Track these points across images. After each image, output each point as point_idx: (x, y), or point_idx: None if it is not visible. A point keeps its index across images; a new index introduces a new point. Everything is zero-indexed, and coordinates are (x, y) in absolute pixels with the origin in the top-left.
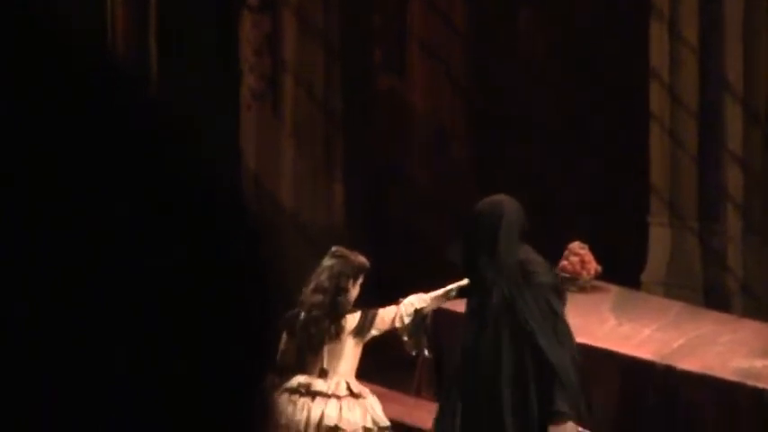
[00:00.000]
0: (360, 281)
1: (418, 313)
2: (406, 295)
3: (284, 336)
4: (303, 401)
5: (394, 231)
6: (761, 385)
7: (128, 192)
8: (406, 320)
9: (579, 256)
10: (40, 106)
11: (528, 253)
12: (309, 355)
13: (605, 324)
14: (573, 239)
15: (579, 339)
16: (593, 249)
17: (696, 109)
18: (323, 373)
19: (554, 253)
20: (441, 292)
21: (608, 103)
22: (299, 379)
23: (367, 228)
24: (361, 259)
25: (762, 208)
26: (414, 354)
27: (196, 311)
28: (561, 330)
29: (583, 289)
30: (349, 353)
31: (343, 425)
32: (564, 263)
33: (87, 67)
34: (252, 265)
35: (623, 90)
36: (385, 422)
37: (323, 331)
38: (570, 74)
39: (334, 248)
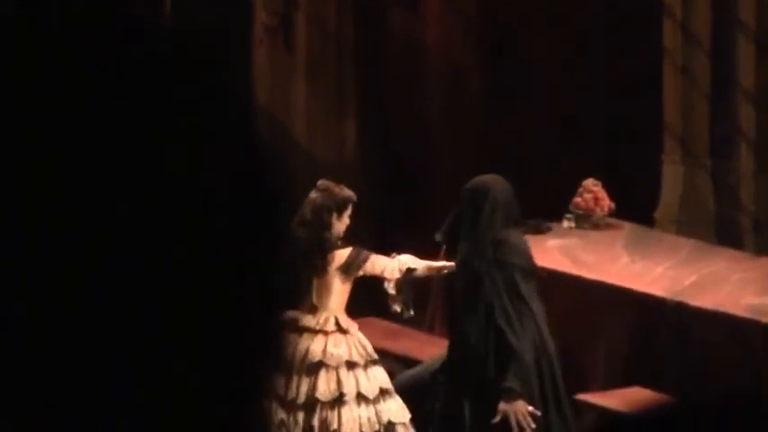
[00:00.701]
0: (347, 213)
1: (410, 272)
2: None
3: None
4: (291, 337)
5: (406, 168)
6: None
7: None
8: (397, 275)
9: (593, 193)
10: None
11: (510, 235)
12: (299, 291)
13: (618, 261)
14: (586, 177)
15: (593, 276)
16: (606, 186)
17: (709, 46)
18: (312, 309)
19: (568, 190)
20: (436, 264)
21: (621, 40)
22: (289, 314)
23: (379, 165)
24: (346, 192)
25: None
26: (398, 312)
27: (196, 309)
28: (525, 312)
29: (596, 226)
30: (337, 289)
31: (327, 360)
32: (577, 200)
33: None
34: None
35: (637, 27)
36: (372, 356)
37: (309, 266)
38: (584, 9)
39: (319, 182)
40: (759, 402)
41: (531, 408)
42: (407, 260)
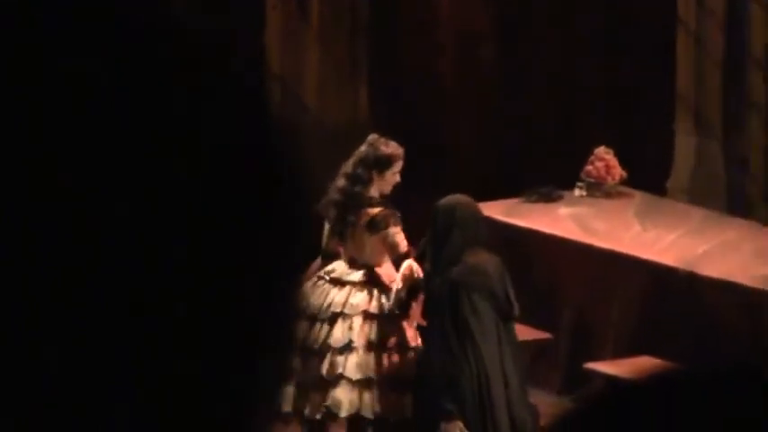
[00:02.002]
0: (390, 170)
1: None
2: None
3: (325, 222)
4: (324, 287)
5: (420, 134)
6: None
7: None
8: (399, 285)
9: (605, 161)
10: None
11: (471, 256)
12: (339, 242)
13: (630, 229)
14: (599, 144)
15: (604, 245)
16: (618, 155)
17: (722, 16)
18: (352, 262)
19: (580, 158)
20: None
21: (636, 10)
22: (329, 265)
23: (391, 132)
24: (389, 149)
25: None
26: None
27: (197, 309)
28: (469, 339)
29: (608, 194)
30: (369, 243)
31: (347, 310)
32: (589, 168)
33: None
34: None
35: None
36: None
37: (343, 220)
38: None
39: (370, 135)
40: (765, 372)
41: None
42: (408, 273)
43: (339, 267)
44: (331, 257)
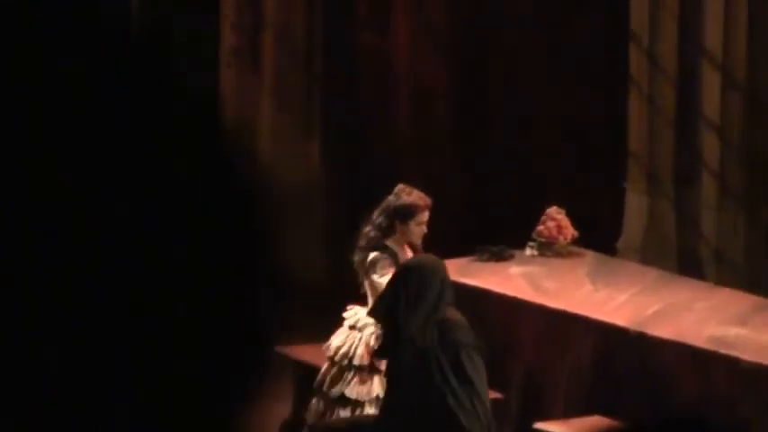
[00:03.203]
0: (413, 220)
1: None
2: None
3: None
4: (345, 330)
5: (375, 189)
6: (734, 353)
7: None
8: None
9: (556, 221)
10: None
11: (451, 313)
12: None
13: (581, 289)
14: (550, 204)
15: (555, 304)
16: (569, 214)
17: (675, 74)
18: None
19: (532, 217)
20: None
21: (589, 67)
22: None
23: (344, 186)
24: (410, 199)
25: (737, 175)
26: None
27: (194, 308)
28: (473, 393)
29: (559, 254)
30: (368, 287)
31: (355, 361)
32: (541, 227)
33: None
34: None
35: (604, 54)
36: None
37: (357, 263)
38: (552, 37)
39: (399, 185)
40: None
41: None
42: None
43: (360, 312)
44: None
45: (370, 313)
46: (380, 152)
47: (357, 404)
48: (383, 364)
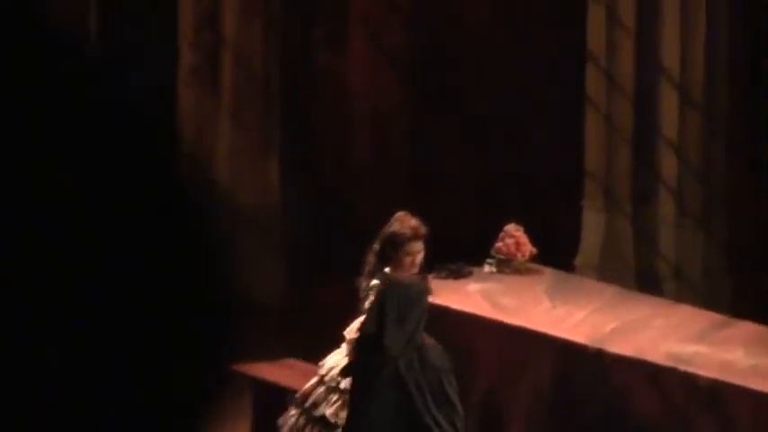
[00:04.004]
0: (405, 248)
1: None
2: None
3: None
4: (342, 350)
5: (330, 211)
6: (692, 370)
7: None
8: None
9: (514, 238)
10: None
11: (426, 337)
12: None
13: (539, 306)
14: (508, 222)
15: (513, 321)
16: (527, 232)
17: (632, 93)
18: None
19: (490, 234)
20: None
21: (545, 85)
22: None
23: (303, 206)
24: (399, 228)
25: (695, 193)
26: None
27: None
28: (454, 415)
29: (517, 271)
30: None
31: (323, 371)
32: (499, 244)
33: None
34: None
35: (561, 72)
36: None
37: (360, 290)
38: (509, 56)
39: (399, 213)
40: None
41: None
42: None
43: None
44: None
45: (361, 330)
46: (338, 172)
47: (335, 428)
48: (346, 382)
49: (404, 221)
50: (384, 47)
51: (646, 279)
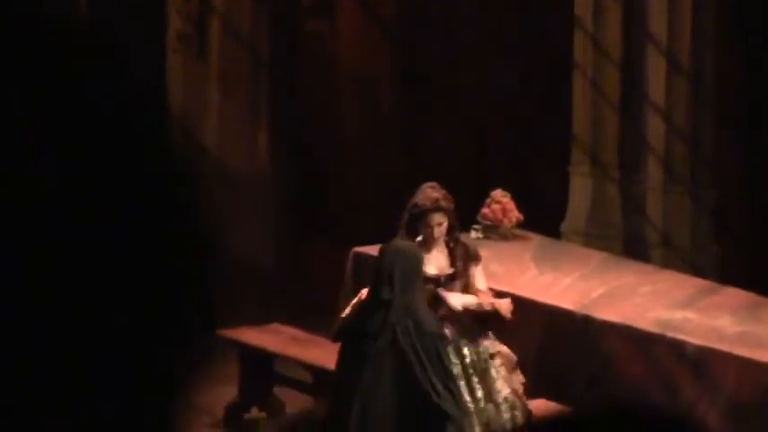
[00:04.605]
0: (422, 222)
1: None
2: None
3: None
4: None
5: (318, 178)
6: (680, 336)
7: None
8: None
9: (501, 204)
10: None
11: (419, 302)
12: None
13: (526, 273)
14: (495, 187)
15: (501, 287)
16: (514, 198)
17: (619, 59)
18: None
19: (476, 201)
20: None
21: (534, 52)
22: None
23: (291, 173)
24: (417, 199)
25: (682, 158)
26: None
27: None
28: (451, 378)
29: (504, 237)
30: None
31: None
32: (485, 210)
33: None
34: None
35: (548, 38)
36: None
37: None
38: (498, 21)
39: (428, 183)
40: (662, 415)
41: None
42: None
43: None
44: None
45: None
46: (326, 137)
47: None
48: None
49: (425, 193)
50: (373, 15)
51: (633, 245)
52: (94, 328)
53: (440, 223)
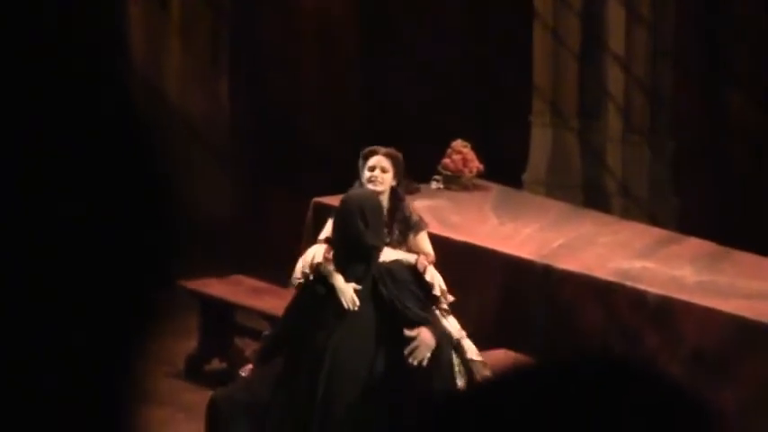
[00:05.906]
0: (372, 161)
1: None
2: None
3: None
4: None
5: (278, 129)
6: (640, 286)
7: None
8: None
9: (462, 154)
10: None
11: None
12: None
13: (487, 223)
14: (455, 138)
15: (461, 238)
16: (475, 148)
17: (579, 8)
18: None
19: (437, 151)
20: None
21: (492, 2)
22: None
23: (252, 122)
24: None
25: (642, 108)
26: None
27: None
28: (426, 306)
29: (465, 187)
30: None
31: None
32: (446, 161)
33: None
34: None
35: None
36: None
37: None
38: None
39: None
40: (621, 365)
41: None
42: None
43: None
44: None
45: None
46: (287, 90)
47: None
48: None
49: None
50: None
51: (593, 195)
52: (52, 278)
53: (383, 169)
